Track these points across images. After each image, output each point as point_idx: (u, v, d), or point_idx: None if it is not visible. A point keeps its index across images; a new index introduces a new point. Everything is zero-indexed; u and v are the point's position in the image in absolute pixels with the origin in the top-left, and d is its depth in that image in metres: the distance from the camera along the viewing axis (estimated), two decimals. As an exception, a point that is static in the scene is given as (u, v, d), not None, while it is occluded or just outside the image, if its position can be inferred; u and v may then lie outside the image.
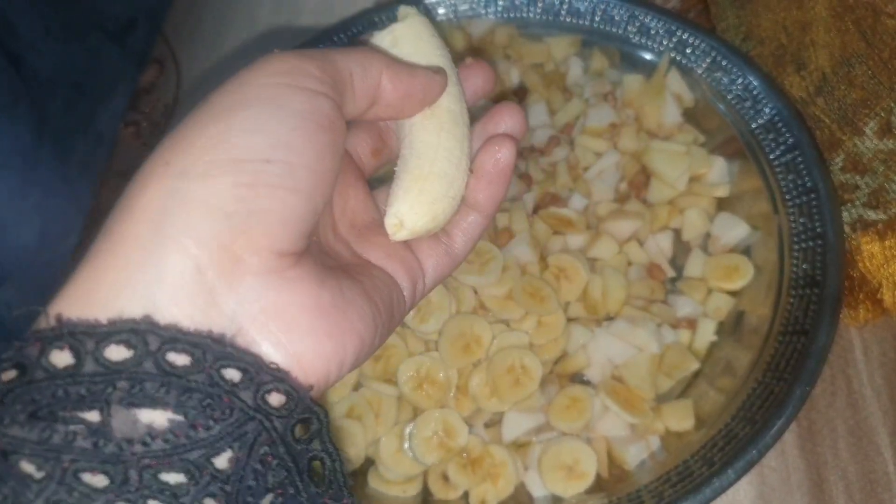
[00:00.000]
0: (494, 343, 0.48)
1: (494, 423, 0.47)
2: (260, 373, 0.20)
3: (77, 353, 0.18)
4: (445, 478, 0.45)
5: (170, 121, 0.64)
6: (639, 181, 0.54)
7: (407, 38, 0.27)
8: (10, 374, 0.18)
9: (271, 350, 0.20)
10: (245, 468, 0.19)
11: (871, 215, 0.48)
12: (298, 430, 0.20)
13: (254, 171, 0.21)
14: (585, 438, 0.46)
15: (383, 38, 0.27)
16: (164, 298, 0.19)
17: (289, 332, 0.21)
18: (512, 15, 0.61)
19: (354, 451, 0.46)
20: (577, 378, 0.48)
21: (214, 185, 0.20)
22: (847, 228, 0.48)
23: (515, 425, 0.46)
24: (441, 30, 0.27)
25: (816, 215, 0.48)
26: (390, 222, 0.26)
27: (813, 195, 0.49)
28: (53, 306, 0.20)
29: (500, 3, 0.61)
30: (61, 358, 0.19)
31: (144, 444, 0.18)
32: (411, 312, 0.43)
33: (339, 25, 0.62)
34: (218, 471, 0.19)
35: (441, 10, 0.62)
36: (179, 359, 0.19)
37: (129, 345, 0.19)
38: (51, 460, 0.18)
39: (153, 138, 0.64)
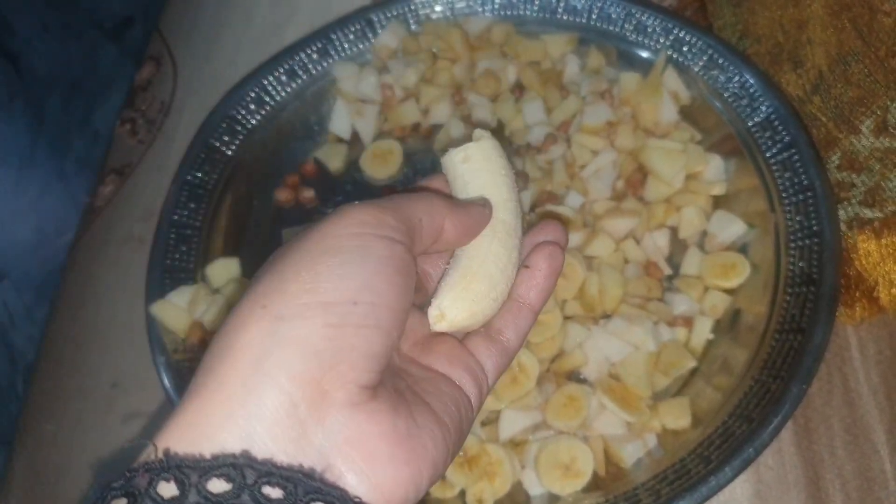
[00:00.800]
0: (491, 341, 0.47)
1: (491, 421, 0.47)
2: None
3: (182, 485, 0.21)
4: (442, 476, 0.45)
5: (166, 118, 0.64)
6: (635, 179, 0.54)
7: (477, 158, 0.31)
8: (121, 502, 0.21)
9: (355, 481, 0.22)
10: None
11: (868, 213, 0.48)
12: None
13: (342, 313, 0.23)
14: (582, 437, 0.46)
15: (457, 154, 0.31)
16: (262, 432, 0.22)
17: (371, 462, 0.23)
18: (509, 13, 0.61)
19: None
20: (574, 376, 0.48)
21: (307, 326, 0.23)
22: (843, 226, 0.48)
23: (512, 423, 0.46)
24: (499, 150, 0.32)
25: (813, 213, 0.48)
26: (433, 313, 0.28)
27: (809, 193, 0.49)
28: (161, 439, 0.22)
29: (497, 0, 0.61)
30: (167, 489, 0.21)
31: None
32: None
33: (336, 23, 0.62)
34: None
35: (438, 8, 0.62)
36: (274, 492, 0.21)
37: (228, 478, 0.21)
38: None
39: (149, 135, 0.64)
